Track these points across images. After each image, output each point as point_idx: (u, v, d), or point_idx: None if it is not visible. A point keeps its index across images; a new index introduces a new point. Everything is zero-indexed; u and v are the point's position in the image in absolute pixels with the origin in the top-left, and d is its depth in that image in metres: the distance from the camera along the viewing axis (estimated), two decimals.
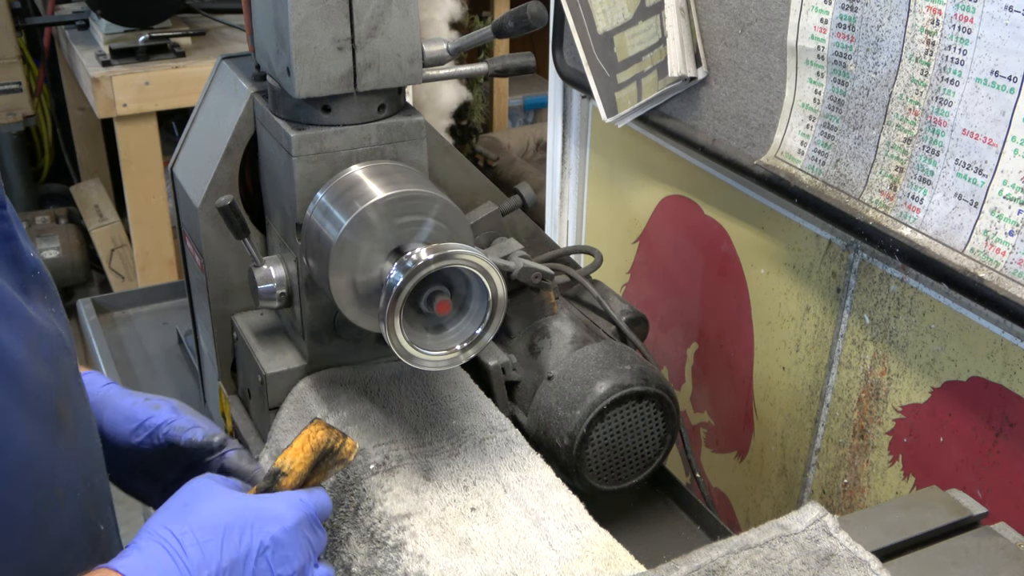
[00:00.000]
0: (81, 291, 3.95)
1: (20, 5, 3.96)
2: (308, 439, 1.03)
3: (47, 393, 0.92)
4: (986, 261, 1.21)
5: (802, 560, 1.08)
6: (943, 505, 1.21)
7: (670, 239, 1.92)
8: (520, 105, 4.48)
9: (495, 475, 1.25)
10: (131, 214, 3.17)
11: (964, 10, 1.17)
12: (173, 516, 0.94)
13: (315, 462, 1.03)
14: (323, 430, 1.03)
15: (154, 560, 0.89)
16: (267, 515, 0.96)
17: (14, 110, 3.98)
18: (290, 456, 1.02)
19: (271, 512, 0.97)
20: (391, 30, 1.23)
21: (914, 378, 1.43)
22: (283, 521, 0.96)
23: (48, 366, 0.92)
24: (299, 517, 0.98)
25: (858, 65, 1.34)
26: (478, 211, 1.47)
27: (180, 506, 0.96)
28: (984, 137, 1.19)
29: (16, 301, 0.90)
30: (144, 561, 0.89)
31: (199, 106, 1.53)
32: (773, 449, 1.76)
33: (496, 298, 1.20)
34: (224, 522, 0.93)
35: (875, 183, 1.36)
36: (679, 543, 1.40)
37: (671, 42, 1.62)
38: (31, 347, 0.90)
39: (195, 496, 0.97)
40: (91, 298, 2.11)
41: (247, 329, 1.45)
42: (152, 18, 3.04)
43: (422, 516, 1.19)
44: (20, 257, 0.94)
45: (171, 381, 1.87)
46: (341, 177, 1.26)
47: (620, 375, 1.33)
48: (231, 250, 1.42)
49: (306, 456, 1.02)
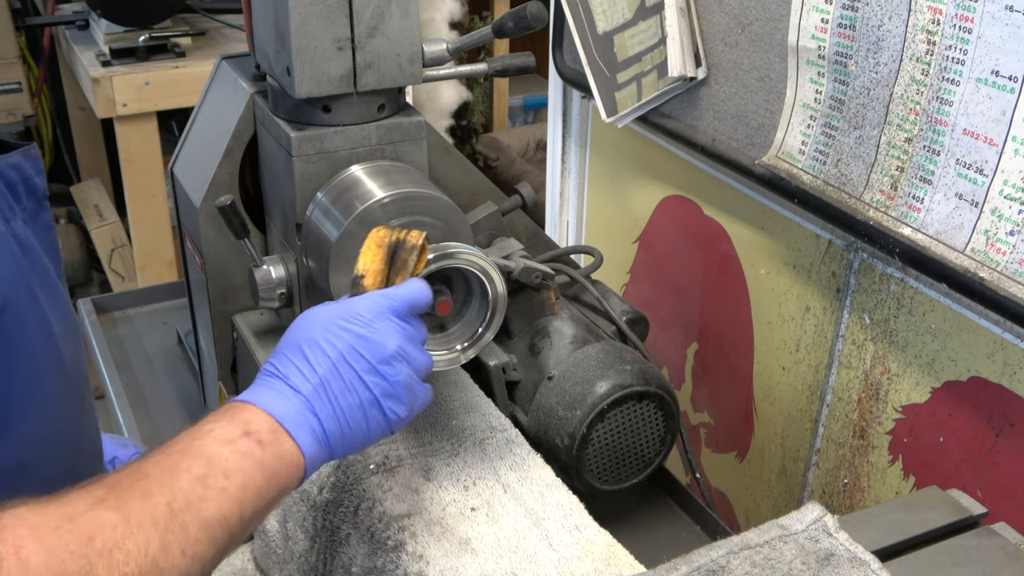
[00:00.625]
0: (81, 291, 3.95)
1: (20, 5, 3.96)
2: (371, 239, 1.07)
3: (77, 371, 0.99)
4: (986, 261, 1.21)
5: (802, 560, 1.08)
6: (943, 505, 1.21)
7: (670, 239, 1.92)
8: (520, 105, 4.48)
9: (495, 475, 1.25)
10: (131, 214, 3.17)
11: (965, 10, 1.17)
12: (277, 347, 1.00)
13: (388, 257, 1.06)
14: (383, 228, 1.08)
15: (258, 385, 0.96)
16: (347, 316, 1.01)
17: (14, 110, 3.98)
18: (361, 260, 1.06)
19: (350, 312, 1.01)
20: (391, 30, 1.23)
21: (914, 378, 1.43)
22: (363, 317, 1.01)
23: (76, 350, 0.99)
24: (378, 310, 1.02)
25: (859, 65, 1.34)
26: (478, 211, 1.47)
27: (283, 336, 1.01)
28: (985, 137, 1.19)
29: (58, 286, 0.97)
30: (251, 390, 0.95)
31: (199, 106, 1.53)
32: (773, 449, 1.76)
33: (496, 298, 1.20)
34: (308, 336, 0.99)
35: (876, 183, 1.36)
36: (679, 543, 1.40)
37: (671, 42, 1.62)
38: (67, 328, 0.96)
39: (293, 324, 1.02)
40: (91, 298, 2.11)
41: (247, 329, 1.45)
42: (152, 18, 3.04)
43: (422, 516, 1.19)
44: (56, 247, 1.01)
45: (171, 381, 1.87)
46: (341, 177, 1.26)
47: (620, 375, 1.33)
48: (231, 250, 1.42)
49: (375, 254, 1.06)
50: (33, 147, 0.99)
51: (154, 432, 1.72)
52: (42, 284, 0.94)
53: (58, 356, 0.95)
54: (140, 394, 1.83)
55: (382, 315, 1.02)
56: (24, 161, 0.97)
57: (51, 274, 0.97)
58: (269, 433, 0.91)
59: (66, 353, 0.97)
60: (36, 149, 0.99)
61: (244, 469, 0.87)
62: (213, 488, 0.84)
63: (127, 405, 1.75)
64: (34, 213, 0.98)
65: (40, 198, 0.99)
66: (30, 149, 0.98)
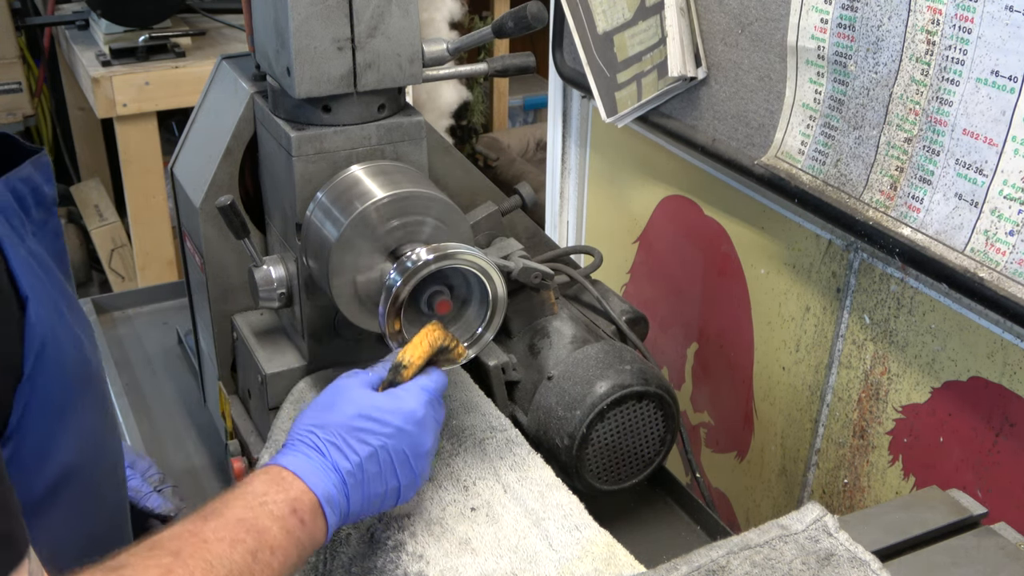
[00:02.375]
0: (81, 291, 3.95)
1: (20, 5, 3.96)
2: (426, 336, 1.13)
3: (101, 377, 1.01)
4: (986, 261, 1.21)
5: (802, 560, 1.08)
6: (943, 505, 1.21)
7: (670, 239, 1.92)
8: (520, 105, 4.48)
9: (495, 475, 1.25)
10: (131, 214, 3.17)
11: (964, 10, 1.17)
12: (316, 417, 1.06)
13: (431, 356, 1.13)
14: (440, 330, 1.14)
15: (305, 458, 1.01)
16: (396, 410, 1.07)
17: (14, 110, 3.98)
18: (409, 351, 1.12)
19: (399, 407, 1.08)
20: (391, 30, 1.23)
21: (914, 378, 1.43)
22: (411, 412, 1.08)
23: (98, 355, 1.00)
24: (424, 403, 1.09)
25: (858, 65, 1.34)
26: (478, 211, 1.46)
27: (322, 407, 1.07)
28: (984, 137, 1.19)
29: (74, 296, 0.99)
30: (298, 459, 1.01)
31: (199, 106, 1.53)
32: (773, 449, 1.76)
33: (496, 298, 1.20)
34: (358, 425, 1.05)
35: (875, 183, 1.36)
36: (679, 543, 1.40)
37: (671, 42, 1.62)
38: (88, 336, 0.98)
39: (336, 397, 1.08)
40: (91, 298, 2.11)
41: (247, 329, 1.45)
42: (152, 18, 3.04)
43: (422, 516, 1.19)
44: (65, 253, 1.02)
45: (171, 381, 1.86)
46: (341, 177, 1.26)
47: (620, 375, 1.33)
48: (231, 250, 1.42)
49: (424, 351, 1.12)
50: (43, 154, 0.98)
51: (154, 432, 1.72)
52: (65, 300, 0.95)
53: (89, 370, 0.96)
54: (140, 394, 1.83)
55: (427, 414, 1.09)
56: (34, 171, 0.96)
57: (67, 286, 0.98)
58: (310, 513, 0.98)
59: (94, 364, 0.98)
60: (47, 155, 0.99)
61: (286, 548, 0.95)
62: (261, 562, 0.91)
63: (127, 405, 1.75)
64: (43, 223, 0.98)
65: (49, 206, 0.99)
66: (40, 156, 0.98)
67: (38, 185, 0.97)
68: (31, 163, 0.96)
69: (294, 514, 0.96)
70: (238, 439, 1.47)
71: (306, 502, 0.98)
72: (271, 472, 0.99)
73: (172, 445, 1.69)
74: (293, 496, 0.97)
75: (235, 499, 0.95)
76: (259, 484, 0.97)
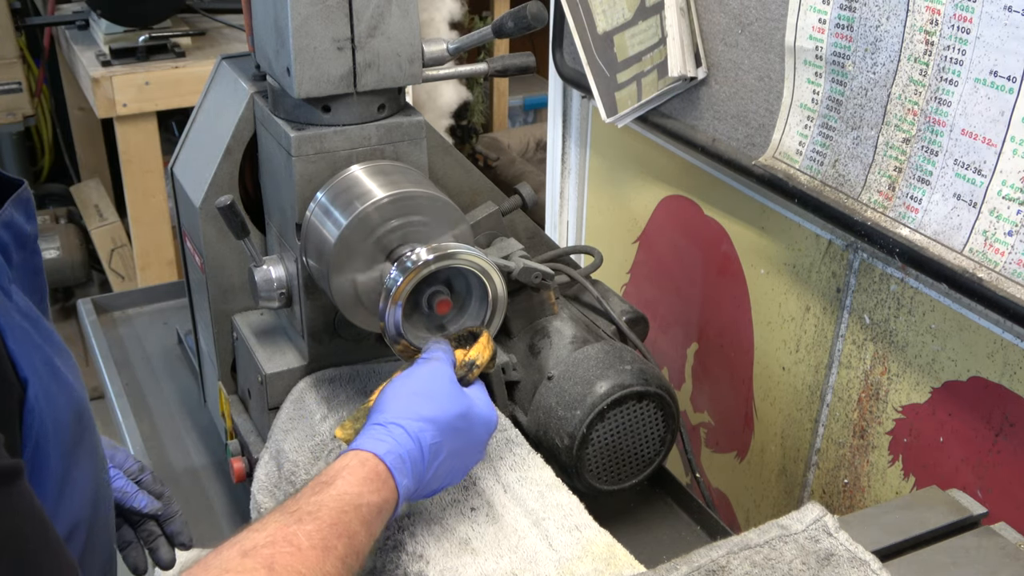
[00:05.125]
0: (81, 291, 3.95)
1: (20, 5, 3.96)
2: (489, 342, 1.18)
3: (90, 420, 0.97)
4: (985, 261, 1.21)
5: (802, 560, 1.08)
6: (943, 505, 1.21)
7: (670, 239, 1.92)
8: (520, 105, 4.48)
9: (495, 475, 1.25)
10: (131, 214, 3.17)
11: (963, 10, 1.17)
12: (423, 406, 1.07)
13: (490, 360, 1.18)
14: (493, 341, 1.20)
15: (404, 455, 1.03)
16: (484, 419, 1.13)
17: (14, 110, 3.98)
18: (480, 353, 1.16)
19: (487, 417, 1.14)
20: (391, 30, 1.23)
21: (914, 378, 1.43)
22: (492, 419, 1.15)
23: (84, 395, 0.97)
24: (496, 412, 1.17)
25: (856, 65, 1.34)
26: (478, 211, 1.47)
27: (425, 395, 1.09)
28: (983, 137, 1.19)
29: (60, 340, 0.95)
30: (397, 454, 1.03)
31: (199, 106, 1.53)
32: (773, 449, 1.76)
33: (496, 298, 1.20)
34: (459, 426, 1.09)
35: (874, 183, 1.36)
36: (679, 543, 1.40)
37: (671, 42, 1.62)
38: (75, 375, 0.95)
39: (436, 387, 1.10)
40: (91, 298, 2.11)
41: (247, 329, 1.45)
42: (152, 18, 3.04)
43: (422, 516, 1.19)
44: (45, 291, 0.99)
45: (171, 381, 1.87)
46: (341, 177, 1.26)
47: (620, 375, 1.33)
48: (231, 250, 1.42)
49: (489, 355, 1.17)
50: (24, 189, 0.93)
51: (154, 432, 1.72)
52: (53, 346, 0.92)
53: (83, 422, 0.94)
54: (140, 394, 1.83)
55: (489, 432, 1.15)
56: (15, 212, 0.91)
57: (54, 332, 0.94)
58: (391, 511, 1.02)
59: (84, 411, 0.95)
60: (28, 190, 0.93)
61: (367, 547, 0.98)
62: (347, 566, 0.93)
63: (127, 405, 1.75)
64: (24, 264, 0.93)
65: (32, 246, 0.94)
66: (23, 192, 0.92)
67: (20, 227, 0.92)
68: (11, 204, 0.90)
69: (380, 515, 0.98)
70: (238, 439, 1.47)
71: (392, 503, 1.01)
72: (368, 465, 1.00)
73: (172, 445, 1.69)
74: (384, 498, 0.99)
75: (331, 499, 0.95)
76: (356, 482, 0.98)
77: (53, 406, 0.87)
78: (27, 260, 0.94)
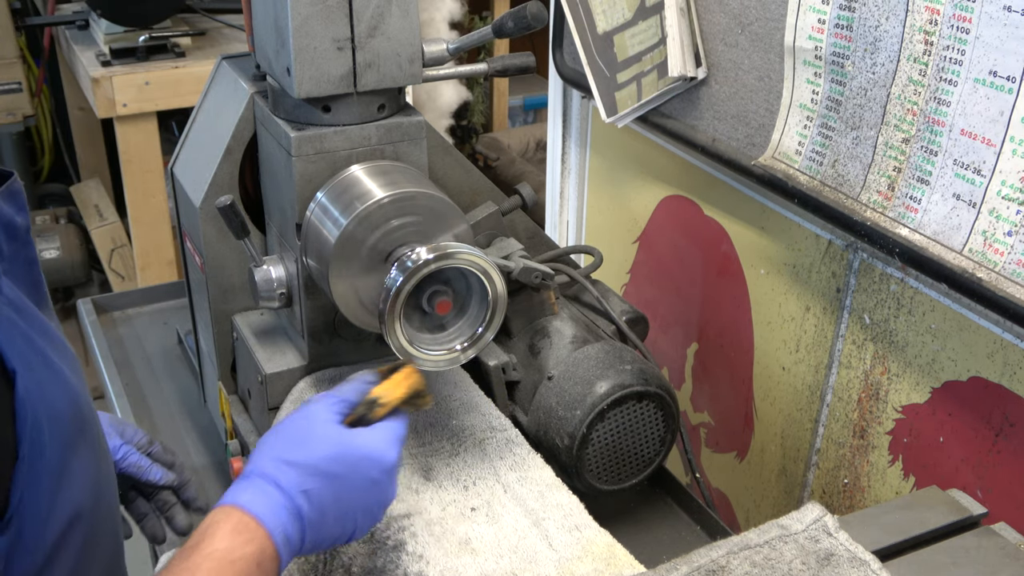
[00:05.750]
0: (81, 291, 3.95)
1: (20, 5, 3.96)
2: (407, 378, 1.10)
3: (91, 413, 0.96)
4: (984, 261, 1.21)
5: (802, 560, 1.08)
6: (943, 505, 1.21)
7: (670, 239, 1.92)
8: (520, 105, 4.48)
9: (495, 475, 1.25)
10: (131, 214, 3.17)
11: (962, 10, 1.17)
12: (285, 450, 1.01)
13: (405, 400, 1.09)
14: (419, 375, 1.11)
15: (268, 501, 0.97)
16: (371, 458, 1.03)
17: (14, 110, 3.98)
18: (388, 389, 1.09)
19: (375, 455, 1.03)
20: (391, 30, 1.24)
21: (914, 378, 1.43)
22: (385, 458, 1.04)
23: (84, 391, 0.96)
24: (398, 451, 1.05)
25: (856, 65, 1.34)
26: (478, 211, 1.47)
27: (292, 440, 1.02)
28: (982, 137, 1.19)
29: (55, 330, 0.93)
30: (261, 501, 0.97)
31: (199, 106, 1.53)
32: (773, 449, 1.76)
33: (496, 298, 1.20)
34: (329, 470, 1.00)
35: (873, 183, 1.36)
36: (679, 543, 1.40)
37: (671, 42, 1.62)
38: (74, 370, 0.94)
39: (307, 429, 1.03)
40: (91, 298, 2.11)
41: (247, 329, 1.45)
42: (152, 18, 3.04)
43: (422, 516, 1.19)
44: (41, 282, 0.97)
45: (171, 381, 1.87)
46: (341, 177, 1.26)
47: (620, 375, 1.33)
48: (231, 250, 1.42)
49: (401, 394, 1.09)
50: (15, 181, 0.91)
51: (154, 432, 1.72)
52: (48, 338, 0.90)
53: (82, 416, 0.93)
54: (140, 394, 1.83)
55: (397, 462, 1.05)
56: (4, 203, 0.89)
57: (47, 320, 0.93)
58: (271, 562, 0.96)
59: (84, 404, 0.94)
60: (18, 182, 0.91)
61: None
62: None
63: (127, 405, 1.75)
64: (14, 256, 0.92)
65: (23, 237, 0.93)
66: (12, 184, 0.91)
67: (10, 218, 0.90)
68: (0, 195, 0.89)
69: (259, 567, 0.94)
70: (238, 439, 1.47)
71: (269, 553, 0.96)
72: (233, 518, 0.96)
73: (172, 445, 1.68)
74: (258, 548, 0.95)
75: (204, 559, 0.92)
76: (225, 537, 0.94)
77: (47, 397, 0.86)
78: (19, 251, 0.92)
